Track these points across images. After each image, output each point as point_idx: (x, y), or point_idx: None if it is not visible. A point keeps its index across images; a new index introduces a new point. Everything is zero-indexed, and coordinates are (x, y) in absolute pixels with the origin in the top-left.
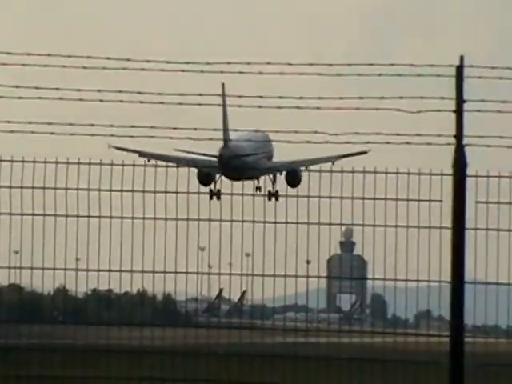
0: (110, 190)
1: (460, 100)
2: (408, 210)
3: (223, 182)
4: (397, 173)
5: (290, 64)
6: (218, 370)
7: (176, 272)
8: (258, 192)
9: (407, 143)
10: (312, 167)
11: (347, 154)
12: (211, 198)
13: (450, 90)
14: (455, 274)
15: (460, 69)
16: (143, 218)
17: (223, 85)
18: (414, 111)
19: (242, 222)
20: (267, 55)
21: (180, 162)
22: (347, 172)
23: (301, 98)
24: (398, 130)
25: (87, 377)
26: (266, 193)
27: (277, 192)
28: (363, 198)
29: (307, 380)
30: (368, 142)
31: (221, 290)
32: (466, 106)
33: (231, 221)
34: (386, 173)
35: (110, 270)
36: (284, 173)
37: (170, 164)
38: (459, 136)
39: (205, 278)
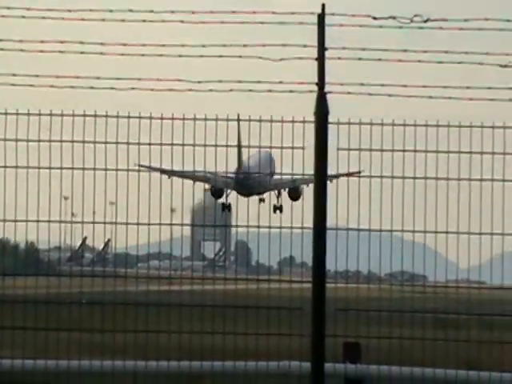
0: None
1: (322, 48)
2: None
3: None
4: (259, 120)
5: (152, 11)
6: (80, 318)
7: (38, 221)
8: (262, 203)
9: (270, 91)
10: None
11: (344, 174)
12: (223, 210)
13: (312, 38)
14: (317, 221)
15: (322, 17)
16: (4, 167)
17: (238, 115)
18: (276, 59)
19: (106, 170)
20: (131, 2)
21: (197, 179)
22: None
23: (163, 45)
24: (261, 78)
25: None
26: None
27: (281, 206)
28: (226, 146)
29: (170, 327)
30: (231, 90)
31: (84, 239)
32: (327, 54)
33: (94, 169)
34: (250, 120)
35: None
36: (287, 189)
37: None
38: (321, 83)
39: (68, 226)
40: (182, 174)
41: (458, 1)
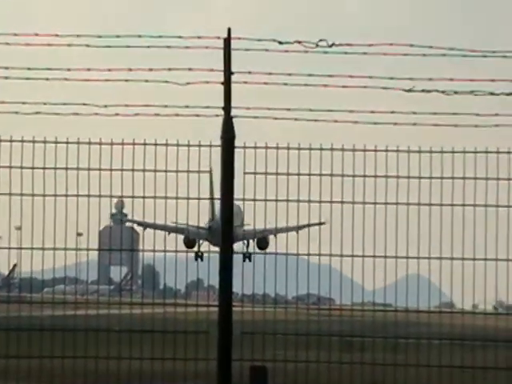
0: None
1: (228, 72)
2: (177, 181)
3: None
4: (166, 144)
5: (57, 35)
6: None
7: None
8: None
9: (177, 115)
10: None
11: (309, 224)
12: (196, 259)
13: (218, 62)
14: (224, 245)
15: (227, 41)
16: None
17: (211, 169)
18: (182, 83)
19: (10, 194)
20: (35, 26)
21: (172, 230)
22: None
23: (69, 69)
24: (168, 102)
25: None
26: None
27: (250, 254)
28: (132, 170)
29: (76, 351)
30: (137, 114)
31: None
32: (233, 78)
33: None
34: (155, 144)
35: None
36: (256, 239)
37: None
38: (227, 108)
39: None
40: (164, 227)
41: (362, 27)
